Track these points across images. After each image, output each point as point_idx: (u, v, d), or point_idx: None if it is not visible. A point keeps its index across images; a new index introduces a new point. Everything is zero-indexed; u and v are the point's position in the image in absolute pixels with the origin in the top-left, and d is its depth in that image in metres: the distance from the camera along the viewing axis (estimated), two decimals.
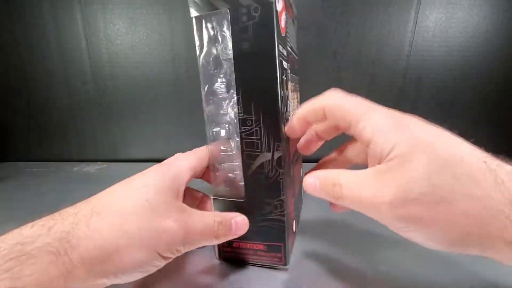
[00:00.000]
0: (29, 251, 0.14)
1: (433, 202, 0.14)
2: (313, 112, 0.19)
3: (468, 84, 0.50)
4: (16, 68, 0.52)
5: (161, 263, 0.18)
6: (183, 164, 0.22)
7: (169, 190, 0.19)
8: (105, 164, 0.54)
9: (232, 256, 0.24)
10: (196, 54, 0.22)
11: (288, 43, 0.24)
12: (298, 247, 0.26)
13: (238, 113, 0.21)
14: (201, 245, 0.20)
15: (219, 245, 0.24)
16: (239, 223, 0.22)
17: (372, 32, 0.48)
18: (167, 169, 0.21)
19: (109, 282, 0.17)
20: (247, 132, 0.21)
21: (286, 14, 0.22)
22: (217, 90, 0.21)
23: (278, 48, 0.19)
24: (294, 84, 0.28)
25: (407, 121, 0.16)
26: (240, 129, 0.21)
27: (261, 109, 0.20)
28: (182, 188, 0.21)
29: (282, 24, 0.21)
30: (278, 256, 0.23)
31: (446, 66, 0.49)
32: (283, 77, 0.21)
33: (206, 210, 0.24)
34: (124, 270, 0.17)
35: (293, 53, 0.27)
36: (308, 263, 0.24)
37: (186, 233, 0.18)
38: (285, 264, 0.23)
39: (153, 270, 0.18)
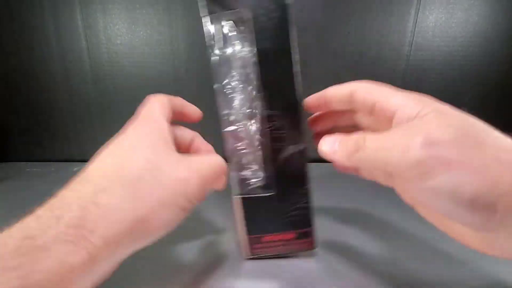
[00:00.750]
0: (40, 244, 0.13)
1: (466, 145, 0.13)
2: (339, 94, 0.20)
3: (468, 84, 0.50)
4: (16, 68, 0.52)
5: (183, 216, 0.18)
6: (156, 112, 0.21)
7: (161, 144, 0.19)
8: None
9: (262, 251, 0.25)
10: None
11: None
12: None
13: (264, 109, 0.22)
14: (214, 187, 0.20)
15: (248, 243, 0.25)
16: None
17: (372, 32, 0.48)
18: (145, 121, 0.20)
19: (132, 251, 0.17)
20: (274, 127, 0.22)
21: None
22: (233, 87, 0.22)
23: (294, 47, 0.21)
24: None
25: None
26: (266, 125, 0.22)
27: (285, 105, 0.22)
28: (169, 137, 0.20)
29: None
30: (308, 241, 0.25)
31: (446, 66, 0.49)
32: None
33: (200, 153, 0.24)
34: (151, 237, 0.17)
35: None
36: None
37: (200, 180, 0.18)
38: (315, 248, 0.25)
39: (175, 225, 0.18)
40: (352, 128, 0.22)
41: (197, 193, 0.18)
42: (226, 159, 0.22)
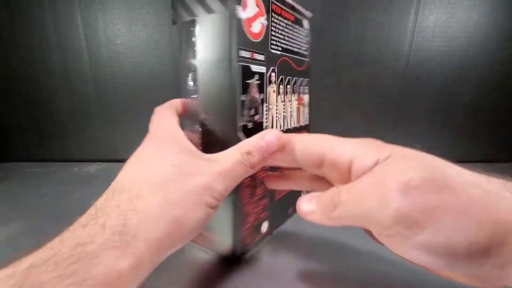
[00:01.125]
0: (91, 251, 0.14)
1: (440, 187, 0.13)
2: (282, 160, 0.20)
3: (468, 84, 0.50)
4: (16, 68, 0.52)
5: (213, 213, 0.18)
6: (169, 124, 0.22)
7: (182, 147, 0.20)
8: (105, 164, 0.54)
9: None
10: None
11: (274, 47, 0.26)
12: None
13: (201, 113, 0.24)
14: (241, 180, 0.20)
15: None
16: (269, 140, 0.20)
17: (372, 32, 0.48)
18: (163, 132, 0.21)
19: (171, 253, 0.17)
20: (206, 131, 0.24)
21: (266, 19, 0.24)
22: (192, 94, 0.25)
23: (238, 54, 0.22)
24: (293, 86, 0.30)
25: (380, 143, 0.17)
26: (201, 127, 0.24)
27: (218, 112, 0.23)
28: (186, 142, 0.20)
29: (256, 30, 0.23)
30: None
31: (446, 66, 0.49)
32: (251, 81, 0.23)
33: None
34: (187, 236, 0.17)
35: (293, 55, 0.29)
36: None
37: (219, 179, 0.18)
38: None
39: (207, 223, 0.18)
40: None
41: (223, 191, 0.19)
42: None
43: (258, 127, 0.25)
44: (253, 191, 0.26)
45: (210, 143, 0.24)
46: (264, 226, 0.28)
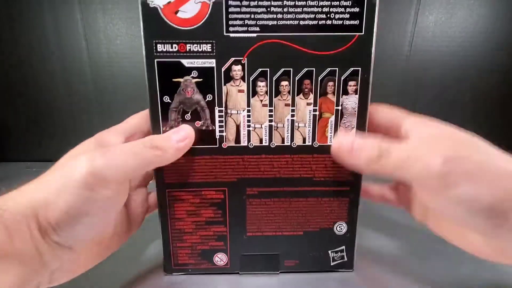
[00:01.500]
0: None
1: (480, 161, 0.16)
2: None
3: (468, 84, 0.50)
4: (16, 68, 0.52)
5: (100, 195, 0.17)
6: (124, 122, 0.24)
7: (92, 142, 0.21)
8: None
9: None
10: None
11: (238, 28, 0.19)
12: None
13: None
14: (141, 164, 0.18)
15: None
16: (180, 130, 0.20)
17: None
18: (105, 131, 0.23)
19: (62, 235, 0.17)
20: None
21: None
22: None
23: (155, 48, 0.19)
24: (302, 82, 0.21)
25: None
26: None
27: (149, 116, 0.21)
28: (119, 140, 0.21)
29: (187, 14, 0.18)
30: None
31: (446, 66, 0.49)
32: (183, 79, 0.20)
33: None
34: (61, 219, 0.16)
35: (298, 33, 0.20)
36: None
37: (106, 155, 0.17)
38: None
39: (98, 207, 0.17)
40: None
41: (106, 169, 0.17)
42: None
43: (205, 136, 0.21)
44: (194, 210, 0.23)
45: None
46: (219, 258, 0.24)
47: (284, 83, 0.21)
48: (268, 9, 0.19)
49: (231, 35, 0.19)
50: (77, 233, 0.18)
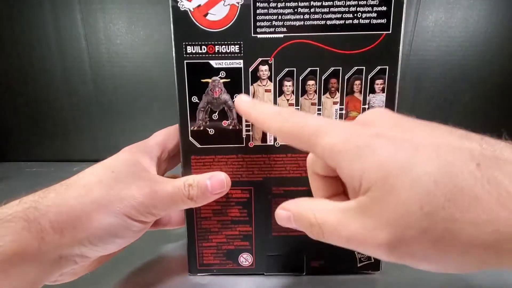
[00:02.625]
0: (5, 217, 0.16)
1: (436, 237, 0.11)
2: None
3: (468, 84, 0.50)
4: (16, 68, 0.52)
5: (138, 227, 0.19)
6: (152, 139, 0.23)
7: (137, 162, 0.20)
8: None
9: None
10: None
11: (266, 29, 0.20)
12: None
13: None
14: (176, 208, 0.21)
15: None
16: (215, 181, 0.21)
17: None
18: (137, 146, 0.22)
19: (89, 250, 0.18)
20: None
21: None
22: None
23: (184, 49, 0.20)
24: (329, 81, 0.21)
25: (381, 134, 0.13)
26: None
27: (178, 115, 0.21)
28: (152, 162, 0.22)
29: (216, 17, 0.19)
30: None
31: (446, 66, 0.49)
32: (211, 79, 0.20)
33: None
34: (95, 235, 0.18)
35: (324, 33, 0.20)
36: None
37: (153, 197, 0.19)
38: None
39: (132, 235, 0.19)
40: None
41: (152, 208, 0.19)
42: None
43: (231, 135, 0.22)
44: (220, 209, 0.23)
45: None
46: (245, 259, 0.24)
47: (311, 82, 0.21)
48: (295, 9, 0.19)
49: (259, 36, 0.19)
50: (104, 250, 0.19)
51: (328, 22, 0.19)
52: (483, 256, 0.11)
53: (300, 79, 0.21)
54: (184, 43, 0.20)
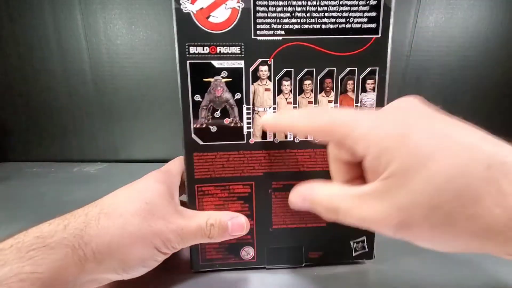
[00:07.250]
0: (48, 243, 0.17)
1: (437, 224, 0.13)
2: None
3: (468, 84, 0.50)
4: (16, 68, 0.52)
5: (161, 258, 0.21)
6: (173, 169, 0.24)
7: (166, 194, 0.21)
8: (105, 164, 0.54)
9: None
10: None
11: (265, 31, 0.21)
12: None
13: None
14: (197, 242, 0.22)
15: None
16: (235, 224, 0.22)
17: None
18: (164, 174, 0.23)
19: (119, 276, 0.20)
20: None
21: (241, 1, 0.20)
22: None
23: (187, 50, 0.20)
24: (324, 81, 0.22)
25: (407, 124, 0.15)
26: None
27: (181, 113, 0.22)
28: (177, 192, 0.23)
29: (218, 19, 0.20)
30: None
31: (446, 66, 0.49)
32: (213, 79, 0.21)
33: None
34: (129, 265, 0.19)
35: (319, 36, 0.21)
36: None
37: (179, 234, 0.20)
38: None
39: (154, 264, 0.21)
40: None
41: (176, 243, 0.20)
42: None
43: (233, 132, 0.22)
44: (222, 204, 0.24)
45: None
46: (246, 252, 0.25)
47: (307, 82, 0.22)
48: (293, 14, 0.20)
49: (259, 38, 0.21)
50: (129, 276, 0.20)
51: (323, 26, 0.21)
52: (471, 245, 0.13)
53: (298, 79, 0.22)
54: (187, 44, 0.20)
